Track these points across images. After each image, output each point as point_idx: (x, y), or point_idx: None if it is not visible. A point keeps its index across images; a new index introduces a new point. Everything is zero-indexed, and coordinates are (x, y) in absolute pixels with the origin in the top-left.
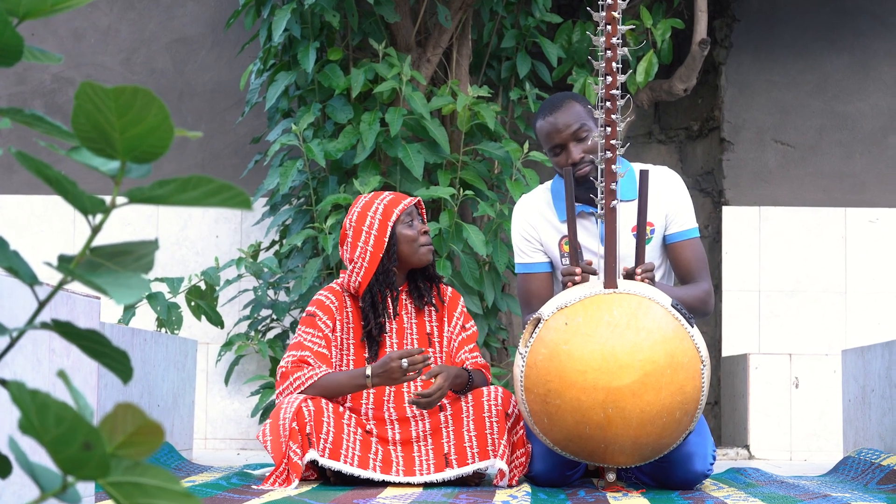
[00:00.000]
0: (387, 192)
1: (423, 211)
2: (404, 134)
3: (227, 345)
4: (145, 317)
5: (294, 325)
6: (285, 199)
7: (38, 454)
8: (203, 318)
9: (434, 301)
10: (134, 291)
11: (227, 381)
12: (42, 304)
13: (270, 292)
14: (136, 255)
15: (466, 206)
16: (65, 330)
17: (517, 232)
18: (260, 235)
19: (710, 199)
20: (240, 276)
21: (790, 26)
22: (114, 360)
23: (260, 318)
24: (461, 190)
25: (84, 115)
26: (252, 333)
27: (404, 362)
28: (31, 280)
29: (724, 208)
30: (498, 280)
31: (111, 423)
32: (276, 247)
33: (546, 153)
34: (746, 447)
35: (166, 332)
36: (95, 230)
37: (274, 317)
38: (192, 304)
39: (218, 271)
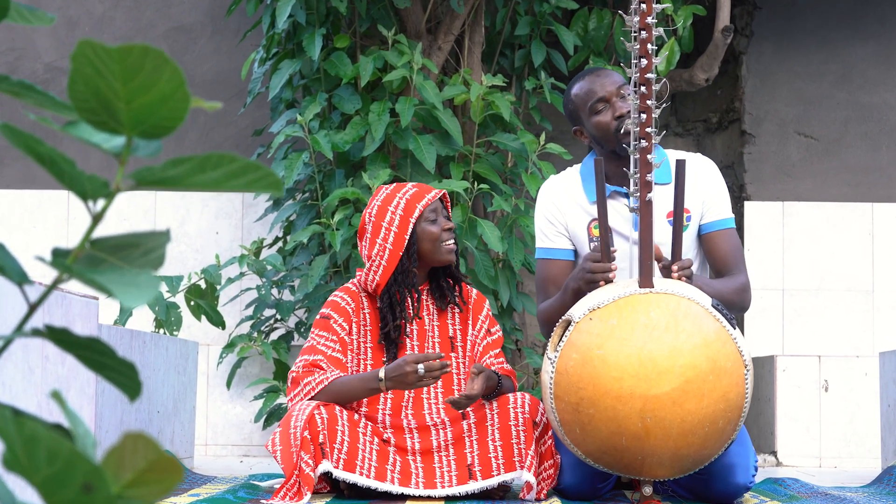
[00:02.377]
0: (410, 185)
1: (449, 205)
2: (414, 125)
3: (229, 346)
4: (142, 317)
5: (299, 325)
6: (289, 193)
7: (29, 492)
8: (203, 318)
9: (457, 301)
10: (143, 291)
11: (228, 384)
12: (33, 307)
13: (274, 291)
14: (143, 249)
15: (479, 200)
16: (61, 338)
17: (541, 213)
18: (262, 232)
19: (730, 193)
20: (242, 275)
21: (813, 14)
22: (118, 373)
23: (263, 318)
24: (475, 184)
25: (83, 81)
26: (255, 334)
27: (421, 367)
28: (19, 278)
29: (746, 203)
30: (513, 278)
31: (117, 457)
32: (280, 244)
33: (585, 117)
34: (773, 454)
35: (164, 333)
36: (97, 218)
37: (278, 317)
38: (192, 303)
39: (219, 269)
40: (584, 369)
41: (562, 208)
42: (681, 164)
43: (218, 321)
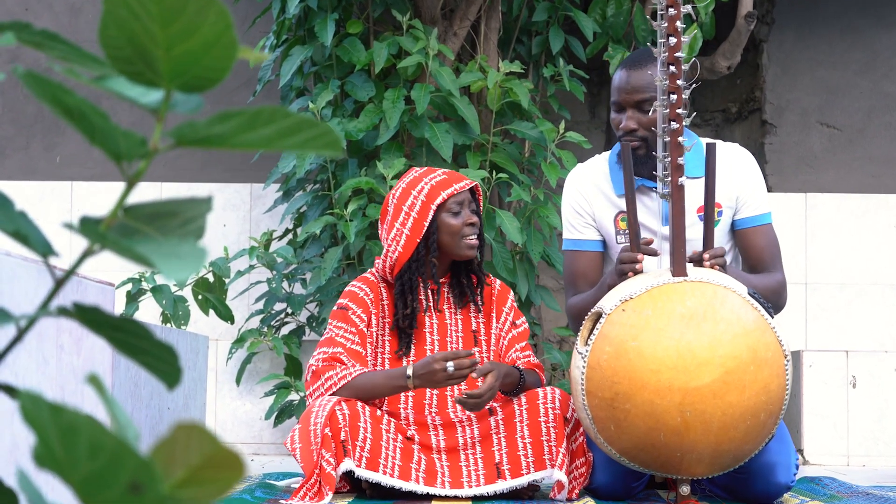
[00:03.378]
0: (441, 171)
1: (480, 197)
2: (429, 113)
3: (239, 341)
4: (148, 311)
5: (311, 319)
6: (300, 184)
7: (59, 490)
8: (211, 312)
9: (476, 301)
10: (187, 263)
11: (238, 380)
12: (60, 282)
13: (285, 284)
14: (182, 218)
15: (497, 191)
16: (91, 318)
17: (568, 203)
18: (271, 224)
19: None
20: (251, 268)
21: (835, 1)
22: (155, 357)
23: (274, 312)
24: (493, 173)
25: (116, 26)
26: (265, 329)
27: (450, 366)
28: (44, 249)
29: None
30: (532, 271)
31: (168, 452)
32: (290, 236)
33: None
34: (800, 451)
35: (171, 327)
36: (132, 182)
37: (289, 311)
38: (200, 297)
39: (228, 262)
40: (619, 363)
41: (588, 198)
42: (711, 148)
43: (227, 315)
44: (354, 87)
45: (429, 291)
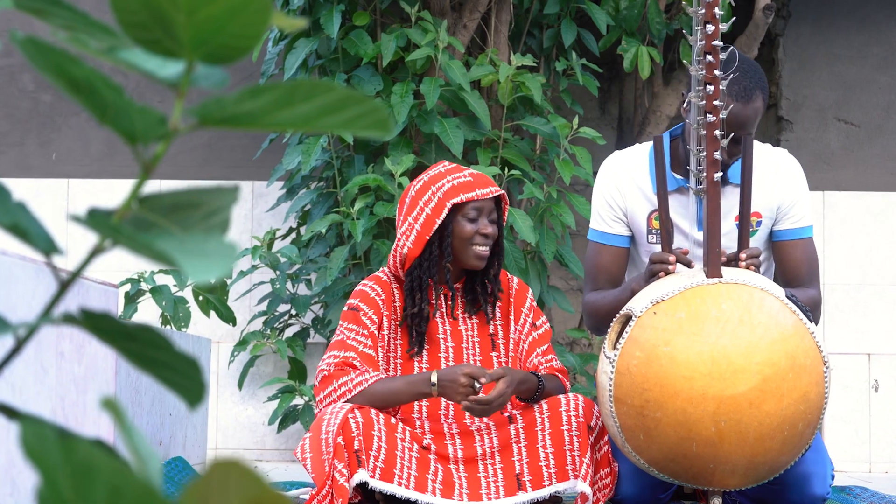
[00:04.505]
0: (469, 171)
1: (507, 207)
2: (439, 108)
3: (241, 344)
4: (147, 312)
5: (316, 321)
6: (304, 181)
7: None
8: (213, 314)
9: (487, 311)
10: (215, 261)
11: (240, 384)
12: (66, 284)
13: (289, 285)
14: (205, 210)
15: (508, 188)
16: (100, 326)
17: (601, 193)
18: (274, 222)
19: None
20: (254, 268)
21: None
22: (175, 371)
23: (277, 314)
24: (505, 170)
25: None
26: (268, 331)
27: (478, 384)
28: (46, 246)
29: None
30: (544, 271)
31: (203, 493)
32: (294, 235)
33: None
34: None
35: (172, 329)
36: (148, 168)
37: (293, 312)
38: (200, 298)
39: None
40: (650, 368)
41: (623, 192)
42: (748, 141)
43: (228, 317)
44: (361, 81)
45: (442, 296)
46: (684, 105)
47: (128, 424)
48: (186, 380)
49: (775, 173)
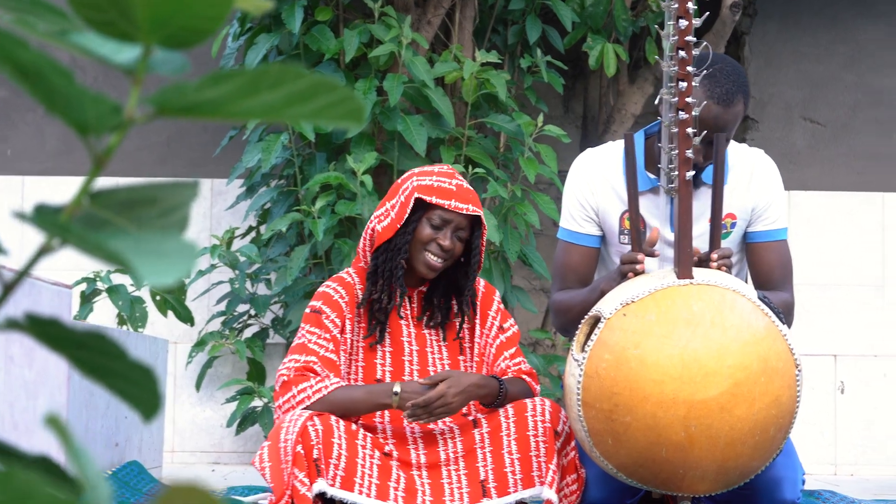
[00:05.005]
0: (458, 182)
1: (485, 232)
2: (402, 105)
3: (199, 345)
4: (103, 312)
5: (276, 322)
6: (264, 179)
7: None
8: (170, 314)
9: (439, 326)
10: (174, 263)
11: (198, 386)
12: (10, 287)
13: (248, 285)
14: (162, 207)
15: (472, 186)
16: (49, 333)
17: (572, 192)
18: (233, 221)
19: None
20: (213, 267)
21: None
22: (129, 381)
23: (236, 314)
24: (468, 168)
25: None
26: (227, 332)
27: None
28: None
29: None
30: (508, 271)
31: None
32: (254, 233)
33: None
34: None
35: (128, 330)
36: (102, 159)
37: (252, 312)
38: (158, 298)
39: None
40: (619, 372)
41: (595, 191)
42: (719, 139)
43: (186, 317)
44: None
45: (406, 298)
46: (657, 101)
47: (74, 446)
48: (141, 390)
49: (751, 174)
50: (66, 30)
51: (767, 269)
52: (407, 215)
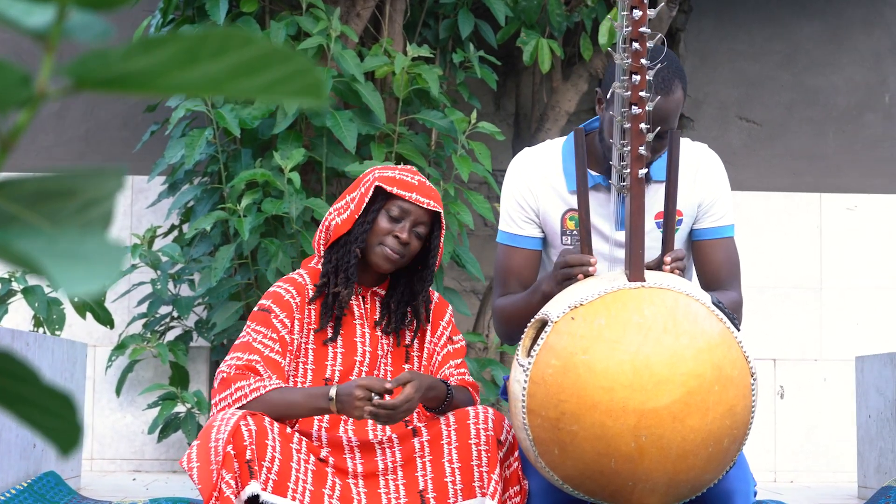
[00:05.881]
0: (420, 180)
1: (443, 231)
2: (330, 100)
3: (119, 348)
4: (18, 315)
5: (200, 324)
6: (188, 176)
7: None
8: (89, 316)
9: (397, 330)
10: (95, 268)
11: (118, 391)
12: None
13: (171, 286)
14: (82, 200)
15: None
16: None
17: (510, 194)
18: (155, 219)
19: None
20: (133, 267)
21: None
22: (43, 410)
23: (158, 316)
24: (400, 165)
25: None
26: (148, 335)
27: (377, 398)
28: None
29: None
30: (440, 273)
31: None
32: (176, 232)
33: (614, 105)
34: None
35: (45, 333)
36: (9, 142)
37: (175, 314)
38: (76, 299)
39: None
40: (567, 378)
41: (535, 191)
42: (674, 136)
43: (106, 319)
44: None
45: (360, 297)
46: (599, 95)
47: None
48: (58, 420)
49: (696, 170)
50: None
51: (715, 268)
52: (366, 205)
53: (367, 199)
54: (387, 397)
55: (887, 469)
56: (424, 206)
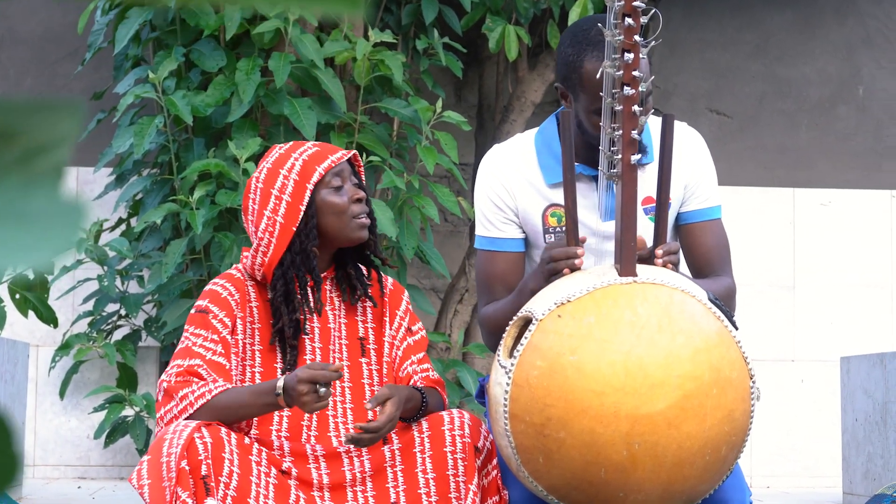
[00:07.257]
0: (311, 143)
1: (361, 169)
2: (288, 87)
3: (64, 348)
4: None
5: (149, 322)
6: (136, 167)
7: None
8: (31, 314)
9: (370, 294)
10: (46, 231)
11: (62, 393)
12: None
13: (118, 282)
14: (28, 144)
15: (366, 176)
16: None
17: (485, 194)
18: (101, 213)
19: None
20: (78, 263)
21: None
22: None
23: (105, 314)
24: (362, 156)
25: None
26: (94, 334)
27: (322, 390)
28: None
29: None
30: (404, 269)
31: None
32: (124, 226)
33: (583, 95)
34: None
35: None
36: None
37: (123, 313)
38: (17, 296)
39: None
40: (553, 381)
41: (511, 189)
42: (669, 121)
43: (49, 318)
44: (202, 56)
45: (307, 289)
46: (561, 90)
47: None
48: None
49: (679, 150)
50: None
51: (705, 252)
52: (302, 212)
53: (303, 206)
54: (370, 415)
55: (876, 475)
56: (344, 158)
